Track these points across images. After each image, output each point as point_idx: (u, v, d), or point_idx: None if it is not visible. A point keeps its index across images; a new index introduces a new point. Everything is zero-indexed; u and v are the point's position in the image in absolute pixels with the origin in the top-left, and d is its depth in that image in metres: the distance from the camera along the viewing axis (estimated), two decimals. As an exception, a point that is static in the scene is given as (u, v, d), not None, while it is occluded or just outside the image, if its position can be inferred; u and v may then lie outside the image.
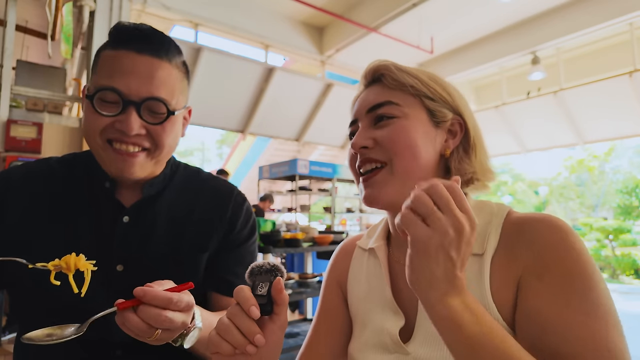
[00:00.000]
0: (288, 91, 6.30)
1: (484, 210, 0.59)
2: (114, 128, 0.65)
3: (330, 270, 0.75)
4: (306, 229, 3.70)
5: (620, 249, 10.12)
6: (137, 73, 0.65)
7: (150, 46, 0.67)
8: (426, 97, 0.60)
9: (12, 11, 3.13)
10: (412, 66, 0.64)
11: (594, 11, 5.07)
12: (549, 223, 0.51)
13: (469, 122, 0.62)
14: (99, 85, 0.65)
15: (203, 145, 30.25)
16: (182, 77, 0.72)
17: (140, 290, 0.51)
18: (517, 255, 0.52)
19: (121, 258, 0.70)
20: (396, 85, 0.61)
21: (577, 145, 7.10)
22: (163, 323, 0.51)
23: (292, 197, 6.53)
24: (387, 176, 0.58)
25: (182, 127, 0.77)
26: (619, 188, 16.70)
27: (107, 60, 0.67)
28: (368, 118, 0.62)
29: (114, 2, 3.86)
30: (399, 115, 0.59)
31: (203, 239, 0.77)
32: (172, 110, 0.68)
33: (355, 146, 0.60)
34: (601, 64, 6.05)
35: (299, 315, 4.63)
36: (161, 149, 0.69)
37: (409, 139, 0.58)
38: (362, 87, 0.67)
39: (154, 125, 0.67)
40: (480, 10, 5.52)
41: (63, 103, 3.66)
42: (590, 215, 18.66)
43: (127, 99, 0.64)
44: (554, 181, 21.93)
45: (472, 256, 0.54)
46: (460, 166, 0.61)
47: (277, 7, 5.85)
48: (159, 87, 0.66)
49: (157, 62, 0.67)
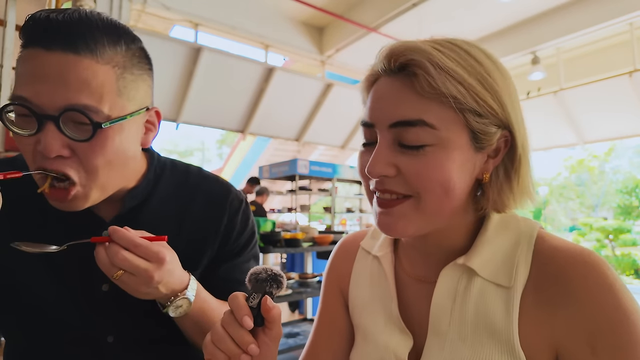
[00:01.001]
0: (288, 91, 6.29)
1: (509, 230, 0.51)
2: (38, 152, 0.52)
3: (330, 271, 0.69)
4: (306, 229, 3.70)
5: (620, 249, 10.12)
6: (47, 77, 0.50)
7: (64, 39, 0.50)
8: (472, 112, 0.45)
9: (12, 11, 3.13)
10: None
11: (594, 11, 5.07)
12: (593, 272, 0.44)
13: (518, 138, 0.48)
14: (11, 96, 0.52)
15: (203, 145, 30.27)
16: (120, 72, 0.54)
17: (112, 228, 0.53)
18: (557, 307, 0.45)
19: (106, 277, 0.60)
20: (433, 94, 0.44)
21: (577, 145, 7.10)
22: (120, 263, 0.52)
23: (292, 197, 6.53)
24: (410, 210, 0.47)
25: (144, 136, 0.62)
26: (619, 188, 16.71)
27: (19, 63, 0.52)
28: (390, 134, 0.47)
29: (114, 2, 3.86)
30: (433, 142, 0.45)
31: (194, 255, 0.69)
32: (99, 122, 0.51)
33: (373, 173, 0.47)
34: (601, 64, 6.05)
35: (299, 315, 4.63)
36: (93, 175, 0.54)
37: (444, 174, 0.45)
38: (381, 69, 0.48)
39: (80, 142, 0.52)
40: (480, 10, 5.52)
41: (63, 103, 3.65)
42: (590, 215, 18.66)
43: (40, 113, 0.50)
44: (554, 181, 21.92)
45: (497, 286, 0.48)
46: (499, 197, 0.49)
47: (277, 7, 5.85)
48: (78, 91, 0.50)
49: (72, 59, 0.50)
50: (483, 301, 0.49)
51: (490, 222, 0.52)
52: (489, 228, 0.52)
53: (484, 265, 0.49)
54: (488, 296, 0.49)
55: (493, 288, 0.49)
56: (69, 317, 0.64)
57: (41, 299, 0.63)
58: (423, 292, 0.55)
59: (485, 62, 0.47)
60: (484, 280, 0.49)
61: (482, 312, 0.48)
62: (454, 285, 0.51)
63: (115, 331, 0.65)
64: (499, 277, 0.48)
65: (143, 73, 0.59)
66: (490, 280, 0.49)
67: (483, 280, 0.49)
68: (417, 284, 0.56)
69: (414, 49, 0.45)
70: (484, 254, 0.50)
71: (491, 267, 0.49)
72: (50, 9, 0.52)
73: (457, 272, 0.51)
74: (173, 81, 5.35)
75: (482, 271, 0.49)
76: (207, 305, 0.65)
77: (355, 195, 7.32)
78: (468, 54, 0.46)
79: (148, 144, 0.64)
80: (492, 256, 0.50)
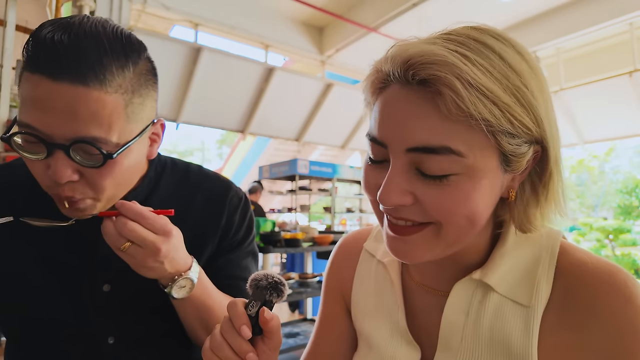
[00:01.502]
0: (288, 91, 6.29)
1: (529, 241, 0.47)
2: (48, 176, 0.52)
3: (330, 273, 0.65)
4: (306, 229, 3.70)
5: (620, 249, 10.11)
6: (56, 108, 0.49)
7: (72, 71, 0.48)
8: (506, 133, 0.38)
9: (12, 11, 3.13)
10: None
11: (594, 11, 5.07)
12: (620, 292, 0.40)
13: (552, 151, 0.42)
14: (17, 121, 0.52)
15: (203, 145, 30.26)
16: (130, 98, 0.54)
17: (119, 202, 0.55)
18: (581, 331, 0.42)
19: (107, 277, 0.64)
20: (462, 116, 0.36)
21: (577, 145, 7.10)
22: (129, 233, 0.53)
23: (292, 197, 6.53)
24: (429, 238, 0.42)
25: (149, 149, 0.63)
26: (619, 188, 16.70)
27: (24, 85, 0.50)
28: (407, 158, 0.40)
29: (114, 2, 3.86)
30: (459, 171, 0.38)
31: (195, 252, 0.68)
32: (109, 152, 0.52)
33: (387, 204, 0.40)
34: (601, 64, 6.04)
35: (299, 315, 4.64)
36: (102, 192, 0.56)
37: (470, 206, 0.39)
38: (394, 76, 0.40)
39: (90, 168, 0.53)
40: (480, 10, 5.52)
41: (63, 103, 3.66)
42: (590, 215, 18.65)
43: (50, 142, 0.50)
44: (554, 181, 21.90)
45: (515, 304, 0.45)
46: (525, 215, 0.44)
47: (277, 7, 5.85)
48: (87, 124, 0.50)
49: (82, 91, 0.49)
50: (499, 319, 0.45)
51: (509, 235, 0.48)
52: (507, 240, 0.47)
53: (501, 280, 0.46)
54: (505, 314, 0.45)
55: (510, 305, 0.45)
56: (69, 318, 0.64)
57: (41, 300, 0.63)
58: (433, 303, 0.51)
59: (522, 68, 0.39)
60: (500, 297, 0.46)
61: (498, 330, 0.45)
62: (467, 299, 0.47)
63: (117, 332, 0.66)
64: (517, 295, 0.45)
65: (150, 90, 0.58)
66: (507, 297, 0.45)
67: (500, 296, 0.46)
68: (426, 294, 0.53)
69: (440, 63, 0.36)
70: (502, 269, 0.46)
71: (509, 282, 0.46)
72: (53, 25, 0.50)
73: (472, 286, 0.48)
74: (173, 81, 5.35)
75: (499, 287, 0.46)
76: (208, 292, 0.65)
77: (355, 195, 7.31)
78: (502, 59, 0.38)
79: (153, 155, 0.65)
80: (511, 271, 0.46)
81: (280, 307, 5.28)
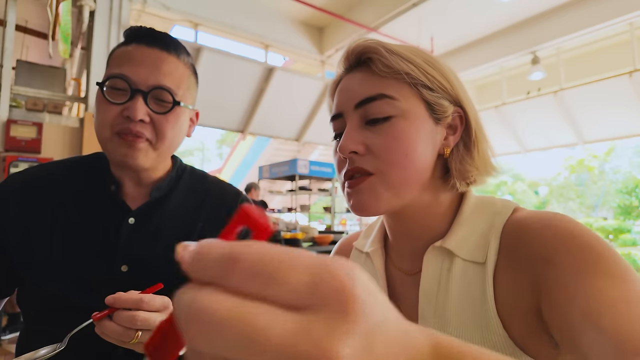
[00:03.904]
0: (288, 91, 6.29)
1: (485, 211, 0.52)
2: (122, 117, 0.67)
3: None
4: (306, 229, 3.70)
5: (620, 249, 10.12)
6: (146, 63, 0.68)
7: (160, 42, 0.71)
8: (424, 86, 0.50)
9: (12, 11, 3.13)
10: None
11: (594, 11, 5.07)
12: (555, 228, 0.43)
13: (470, 114, 0.53)
14: (110, 74, 0.68)
15: (203, 145, 30.25)
16: (189, 74, 0.75)
17: (110, 297, 0.53)
18: (522, 269, 0.45)
19: (126, 258, 0.70)
20: (388, 72, 0.50)
21: (577, 145, 7.10)
22: (142, 323, 0.53)
23: (292, 197, 6.53)
24: (377, 185, 0.49)
25: (188, 128, 0.79)
26: (618, 188, 16.71)
27: (119, 54, 0.70)
28: (357, 115, 0.51)
29: (114, 2, 3.86)
30: (395, 113, 0.49)
31: None
32: (178, 100, 0.70)
33: (344, 151, 0.50)
34: (601, 64, 6.05)
35: (299, 315, 4.64)
36: (163, 139, 0.70)
37: (409, 145, 0.48)
38: (343, 70, 0.56)
39: (159, 114, 0.69)
40: (480, 10, 5.52)
41: (63, 103, 3.66)
42: (590, 215, 18.66)
43: (134, 87, 0.67)
44: (553, 181, 21.94)
45: (475, 264, 0.49)
46: (462, 167, 0.52)
47: (277, 7, 5.85)
48: (165, 76, 0.69)
49: (165, 55, 0.70)
50: (465, 282, 0.49)
51: (467, 204, 0.53)
52: (464, 210, 0.53)
53: (460, 245, 0.50)
54: (468, 276, 0.49)
55: (472, 267, 0.49)
56: (85, 296, 0.66)
57: (61, 276, 0.67)
58: (411, 284, 0.55)
59: (428, 52, 0.54)
60: (463, 261, 0.49)
61: (464, 292, 0.48)
62: (438, 270, 0.51)
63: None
64: (475, 255, 0.49)
65: (195, 81, 0.79)
66: (469, 259, 0.49)
67: (463, 260, 0.49)
68: (406, 277, 0.56)
69: (367, 41, 0.53)
70: (460, 234, 0.51)
71: (468, 246, 0.50)
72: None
73: (439, 257, 0.51)
74: (173, 81, 5.35)
75: (460, 251, 0.49)
76: None
77: (355, 195, 7.30)
78: (412, 47, 0.54)
79: (190, 135, 0.81)
80: (469, 236, 0.50)
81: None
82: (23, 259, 0.68)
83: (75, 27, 4.11)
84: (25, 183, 0.73)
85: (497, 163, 0.55)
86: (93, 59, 3.59)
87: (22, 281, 0.70)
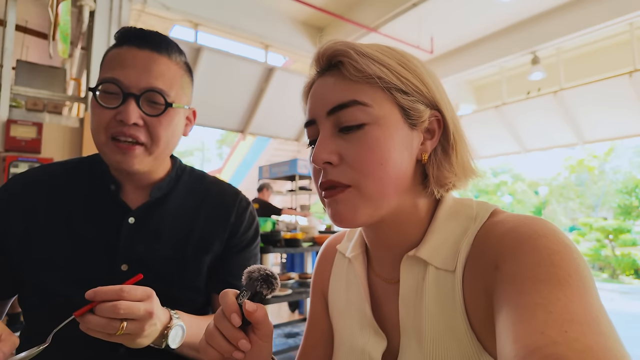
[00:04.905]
0: (288, 91, 6.29)
1: (460, 216, 0.50)
2: (116, 121, 0.68)
3: (314, 275, 0.69)
4: (306, 229, 3.70)
5: (620, 249, 10.12)
6: (137, 66, 0.68)
7: (150, 43, 0.70)
8: (398, 90, 0.48)
9: (12, 11, 3.13)
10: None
11: (594, 11, 5.07)
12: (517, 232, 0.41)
13: (448, 117, 0.50)
14: (102, 78, 0.69)
15: (203, 145, 30.25)
16: (182, 73, 0.74)
17: (90, 291, 0.53)
18: (480, 276, 0.43)
19: (126, 258, 0.71)
20: (360, 76, 0.47)
21: (577, 145, 7.10)
22: (126, 312, 0.53)
23: (292, 197, 6.53)
24: (354, 197, 0.47)
25: (184, 127, 0.78)
26: (618, 188, 16.71)
27: (111, 57, 0.71)
28: (330, 122, 0.49)
29: (114, 2, 3.86)
30: (368, 120, 0.46)
31: (207, 242, 0.78)
32: (170, 102, 0.70)
33: (318, 161, 0.47)
34: (601, 64, 6.05)
35: (299, 315, 4.64)
36: (157, 142, 0.70)
37: (383, 154, 0.46)
38: (315, 73, 0.53)
39: (152, 117, 0.69)
40: (480, 10, 5.52)
41: (63, 103, 3.66)
42: (590, 215, 18.66)
43: (126, 91, 0.67)
44: (553, 181, 21.93)
45: (447, 272, 0.47)
46: (440, 173, 0.50)
47: (277, 7, 5.85)
48: (157, 78, 0.69)
49: (156, 56, 0.70)
50: (439, 290, 0.47)
51: (442, 210, 0.51)
52: (439, 216, 0.51)
53: (433, 254, 0.48)
54: (441, 284, 0.47)
55: (444, 275, 0.47)
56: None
57: (64, 275, 0.68)
58: (392, 292, 0.54)
59: (402, 52, 0.51)
60: (436, 270, 0.48)
61: (439, 301, 0.47)
62: (414, 279, 0.50)
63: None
64: (447, 264, 0.47)
65: (190, 81, 0.78)
66: (441, 268, 0.47)
67: (436, 269, 0.48)
68: (387, 285, 0.56)
69: (337, 43, 0.50)
70: (433, 242, 0.49)
71: (441, 254, 0.48)
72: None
73: (415, 266, 0.50)
74: (173, 81, 5.34)
75: (434, 260, 0.48)
76: (197, 326, 0.68)
77: (355, 195, 7.30)
78: (385, 47, 0.51)
79: (187, 134, 0.80)
80: (443, 243, 0.48)
81: (280, 307, 5.28)
82: (23, 259, 0.69)
83: (75, 27, 4.11)
84: (26, 184, 0.74)
85: (478, 166, 0.53)
86: (93, 59, 3.59)
87: (22, 281, 0.71)
